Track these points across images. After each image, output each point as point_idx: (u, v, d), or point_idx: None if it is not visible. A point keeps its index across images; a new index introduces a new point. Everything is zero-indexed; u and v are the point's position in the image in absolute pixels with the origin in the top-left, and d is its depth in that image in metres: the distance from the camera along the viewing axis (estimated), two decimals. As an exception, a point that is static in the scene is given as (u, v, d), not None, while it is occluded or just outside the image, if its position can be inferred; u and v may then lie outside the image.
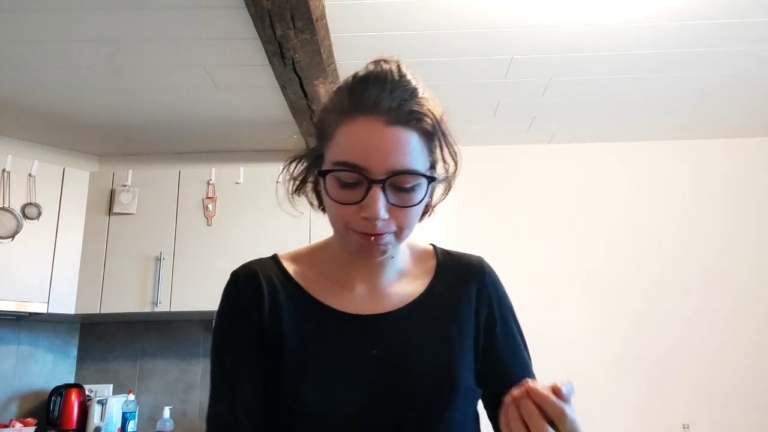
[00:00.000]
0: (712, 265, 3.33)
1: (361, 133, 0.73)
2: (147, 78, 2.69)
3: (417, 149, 0.74)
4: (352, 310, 0.83)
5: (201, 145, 3.51)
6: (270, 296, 0.83)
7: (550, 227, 3.39)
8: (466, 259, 0.92)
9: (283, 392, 0.78)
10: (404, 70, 0.78)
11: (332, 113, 0.77)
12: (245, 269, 0.86)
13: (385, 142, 0.72)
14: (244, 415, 0.77)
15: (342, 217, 0.76)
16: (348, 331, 0.81)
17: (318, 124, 0.82)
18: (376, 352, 0.80)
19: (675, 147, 3.52)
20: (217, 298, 0.87)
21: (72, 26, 2.27)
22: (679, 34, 2.42)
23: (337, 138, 0.76)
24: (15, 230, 2.86)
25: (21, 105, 2.93)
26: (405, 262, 0.89)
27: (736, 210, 3.41)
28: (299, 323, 0.81)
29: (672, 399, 3.14)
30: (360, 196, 0.73)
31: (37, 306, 2.84)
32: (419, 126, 0.74)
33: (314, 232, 3.01)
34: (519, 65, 2.66)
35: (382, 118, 0.73)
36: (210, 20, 2.24)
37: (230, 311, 0.84)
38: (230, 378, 0.80)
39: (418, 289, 0.86)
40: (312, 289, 0.85)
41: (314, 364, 0.79)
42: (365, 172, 0.72)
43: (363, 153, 0.72)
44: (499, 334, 0.87)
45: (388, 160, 0.72)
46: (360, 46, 2.47)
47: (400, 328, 0.82)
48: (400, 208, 0.75)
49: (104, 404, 3.02)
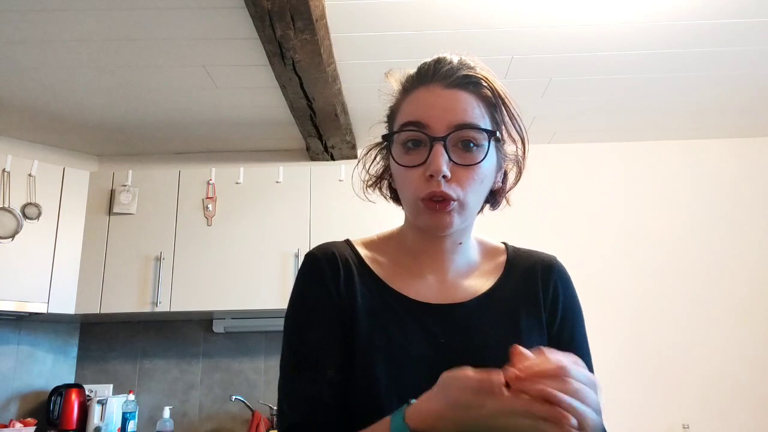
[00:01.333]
0: (713, 265, 3.33)
1: (421, 98, 0.79)
2: (147, 78, 2.69)
3: (476, 110, 0.78)
4: (423, 298, 0.83)
5: (201, 145, 3.51)
6: (346, 277, 0.83)
7: (550, 227, 3.39)
8: (537, 255, 0.92)
9: (352, 372, 0.78)
10: (465, 56, 0.82)
11: (398, 96, 0.84)
12: (323, 249, 0.86)
13: (444, 101, 0.77)
14: (329, 395, 0.77)
15: (410, 184, 0.78)
16: (418, 318, 0.82)
17: (388, 114, 0.87)
18: (443, 341, 0.80)
19: (675, 147, 3.52)
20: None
21: (72, 26, 2.27)
22: (679, 34, 2.42)
23: (402, 109, 0.81)
24: (15, 230, 2.86)
25: (21, 105, 2.93)
26: (475, 256, 0.90)
27: (736, 210, 3.41)
28: (371, 307, 0.82)
29: (672, 399, 3.14)
30: (424, 157, 0.76)
31: (37, 306, 2.84)
32: (477, 90, 0.79)
33: (314, 232, 3.01)
34: (519, 65, 2.66)
35: (440, 83, 0.79)
36: (210, 20, 2.25)
37: (312, 289, 0.83)
38: (316, 356, 0.79)
39: (488, 283, 0.87)
40: (383, 275, 0.86)
41: (384, 348, 0.79)
42: (426, 129, 0.76)
43: (424, 111, 0.77)
44: (565, 333, 0.87)
45: (447, 116, 0.76)
46: (360, 46, 2.47)
47: (469, 320, 0.83)
48: (463, 168, 0.77)
49: (104, 404, 3.02)
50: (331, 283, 0.83)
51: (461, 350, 0.80)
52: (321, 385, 0.77)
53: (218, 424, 3.20)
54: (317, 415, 0.76)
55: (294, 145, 3.51)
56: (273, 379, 3.25)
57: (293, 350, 0.81)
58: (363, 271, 0.85)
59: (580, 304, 0.91)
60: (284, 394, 0.80)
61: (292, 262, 2.96)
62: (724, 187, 3.44)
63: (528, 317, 0.85)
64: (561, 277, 0.90)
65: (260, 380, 3.25)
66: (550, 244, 3.69)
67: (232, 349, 3.30)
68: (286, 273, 2.95)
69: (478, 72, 0.80)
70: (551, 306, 0.87)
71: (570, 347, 0.85)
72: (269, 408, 3.12)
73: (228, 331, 3.27)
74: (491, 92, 0.79)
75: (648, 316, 3.25)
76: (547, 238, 3.35)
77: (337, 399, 0.77)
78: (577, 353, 0.86)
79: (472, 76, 0.79)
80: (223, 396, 3.22)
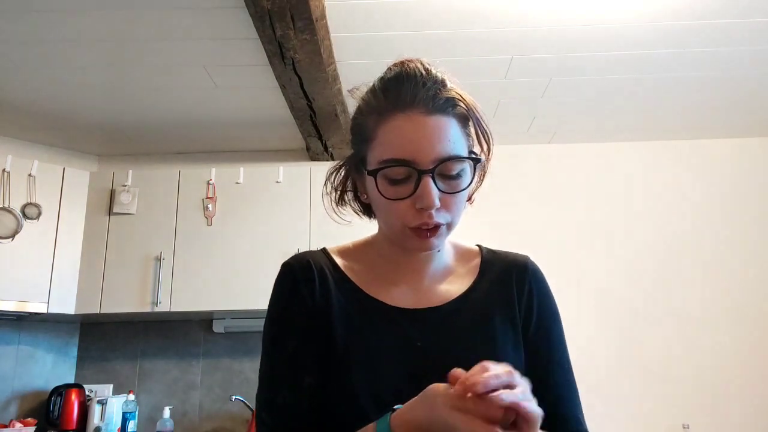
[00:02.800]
0: (712, 265, 3.33)
1: (404, 128, 0.77)
2: (147, 78, 2.69)
3: (457, 135, 0.78)
4: (399, 303, 0.85)
5: (201, 145, 3.51)
6: (321, 285, 0.85)
7: (550, 227, 3.39)
8: (511, 257, 0.93)
9: (329, 379, 0.79)
10: (428, 65, 0.81)
11: (370, 115, 0.81)
12: (298, 258, 0.88)
13: (429, 132, 0.76)
14: (306, 402, 0.78)
15: (397, 215, 0.79)
16: (394, 323, 0.83)
17: (355, 129, 0.85)
18: (420, 345, 0.81)
19: (675, 147, 3.52)
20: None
21: (72, 26, 2.27)
22: (679, 34, 2.42)
23: (379, 137, 0.79)
24: (15, 230, 2.86)
25: (21, 105, 2.93)
26: (450, 260, 0.91)
27: (736, 210, 3.41)
28: (347, 313, 0.83)
29: (672, 399, 3.14)
30: (411, 189, 0.76)
31: (37, 306, 2.84)
32: (456, 112, 0.79)
33: (314, 232, 3.01)
34: (519, 65, 2.66)
35: (420, 109, 0.77)
36: (210, 20, 2.25)
37: (288, 298, 0.85)
38: (292, 364, 0.80)
39: (463, 286, 0.88)
40: (360, 281, 0.87)
41: (360, 353, 0.80)
42: (414, 164, 0.75)
43: (409, 146, 0.76)
44: (541, 334, 0.87)
45: (434, 150, 0.75)
46: (360, 46, 2.47)
47: (444, 323, 0.84)
48: (450, 195, 0.78)
49: (104, 404, 3.02)
50: (305, 291, 0.84)
51: (437, 353, 0.81)
52: (298, 392, 0.78)
53: (218, 424, 3.20)
54: (296, 422, 0.77)
55: (294, 145, 3.51)
56: (273, 379, 3.25)
57: (270, 359, 0.82)
58: (338, 278, 0.86)
59: (555, 304, 0.91)
60: (263, 403, 0.80)
61: (292, 262, 2.96)
62: (724, 187, 3.44)
63: (502, 319, 0.86)
64: (535, 278, 0.91)
65: (260, 380, 3.25)
66: (549, 244, 3.68)
67: (232, 349, 3.30)
68: (286, 273, 2.94)
69: (452, 91, 0.79)
70: (526, 307, 0.88)
71: (546, 347, 0.87)
72: (269, 408, 3.11)
73: (228, 331, 3.27)
74: (466, 109, 0.79)
75: (648, 316, 3.25)
76: (546, 238, 3.36)
77: (315, 405, 0.78)
78: (554, 353, 0.87)
79: (450, 98, 0.78)
80: (223, 396, 3.22)
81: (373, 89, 0.82)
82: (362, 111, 0.83)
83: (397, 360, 0.80)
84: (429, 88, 0.78)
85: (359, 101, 0.84)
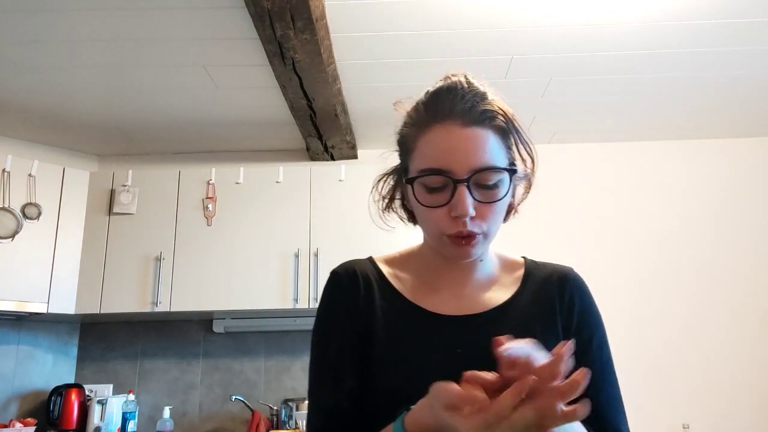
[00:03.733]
0: (712, 265, 3.33)
1: (440, 139, 0.79)
2: (147, 78, 2.69)
3: (495, 146, 0.80)
4: (441, 310, 0.86)
5: (201, 145, 3.51)
6: (366, 293, 0.88)
7: (550, 227, 3.39)
8: (554, 267, 0.94)
9: (372, 383, 0.82)
10: (471, 79, 0.83)
11: (411, 128, 0.84)
12: (345, 267, 0.92)
13: (464, 143, 0.78)
14: (348, 404, 0.82)
15: (434, 222, 0.81)
16: (435, 330, 0.85)
17: (399, 141, 0.88)
18: (460, 351, 0.82)
19: (675, 147, 3.52)
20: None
21: (72, 26, 2.27)
22: (679, 34, 2.42)
23: (419, 148, 0.82)
24: (15, 230, 2.86)
25: (21, 105, 2.93)
26: (494, 270, 0.92)
27: (736, 210, 3.41)
28: (390, 319, 0.86)
29: (672, 399, 3.14)
30: (447, 197, 0.78)
31: (37, 306, 2.84)
32: (493, 124, 0.80)
33: (314, 232, 3.01)
34: (519, 65, 2.66)
35: (457, 121, 0.79)
36: (210, 20, 2.25)
37: (333, 305, 0.89)
38: (335, 368, 0.85)
39: (506, 295, 0.89)
40: (404, 289, 0.90)
41: (401, 358, 0.83)
42: (449, 173, 0.78)
43: (445, 156, 0.78)
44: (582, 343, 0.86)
45: (469, 160, 0.77)
46: (360, 46, 2.47)
47: (485, 330, 0.83)
48: (485, 205, 0.79)
49: (104, 404, 3.02)
50: (350, 297, 0.88)
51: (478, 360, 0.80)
52: (340, 394, 0.83)
53: (218, 424, 3.20)
54: (337, 423, 0.82)
55: (294, 145, 3.51)
56: (273, 379, 3.26)
57: (316, 362, 0.88)
58: (383, 286, 0.90)
59: (598, 313, 0.92)
60: (310, 404, 0.86)
61: (292, 262, 2.96)
62: (724, 187, 3.44)
63: (544, 328, 0.86)
64: (577, 287, 0.92)
65: (260, 380, 3.25)
66: (549, 244, 3.68)
67: (232, 349, 3.30)
68: (286, 273, 2.95)
69: (492, 104, 0.81)
70: (567, 315, 0.89)
71: (587, 356, 0.86)
72: (269, 408, 3.12)
73: (228, 331, 3.27)
74: (505, 122, 0.81)
75: (648, 316, 3.25)
76: (546, 238, 3.36)
77: (355, 407, 0.82)
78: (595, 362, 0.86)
79: (487, 111, 0.80)
80: (223, 396, 3.22)
81: (416, 103, 0.85)
82: (406, 124, 0.86)
83: (437, 366, 0.80)
84: (467, 100, 0.79)
85: (404, 115, 0.87)
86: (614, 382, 0.88)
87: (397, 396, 0.78)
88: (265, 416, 3.07)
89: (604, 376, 0.87)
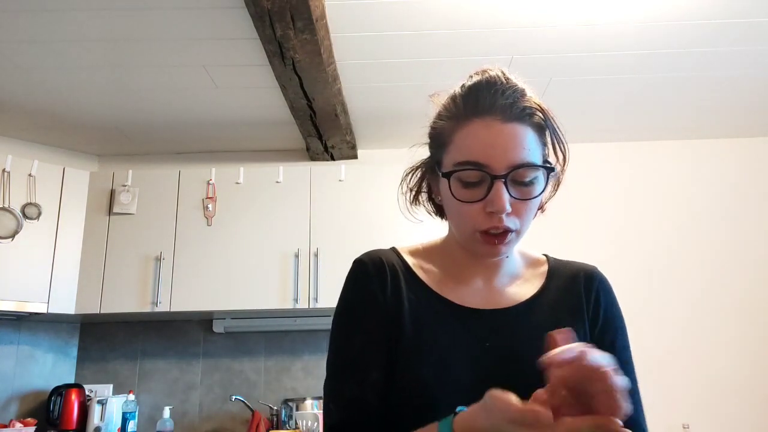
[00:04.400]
0: (713, 265, 3.33)
1: (480, 133, 0.78)
2: (147, 78, 2.69)
3: (533, 143, 0.80)
4: (468, 303, 0.86)
5: (201, 145, 3.51)
6: (392, 282, 0.87)
7: (550, 227, 3.38)
8: (579, 265, 0.96)
9: (399, 374, 0.81)
10: (509, 74, 0.82)
11: (447, 121, 0.83)
12: (371, 256, 0.90)
13: (504, 139, 0.78)
14: (372, 396, 0.80)
15: (468, 218, 0.80)
16: (463, 322, 0.84)
17: (432, 134, 0.87)
18: (488, 345, 0.82)
19: (675, 147, 3.52)
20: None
21: (72, 26, 2.27)
22: (679, 34, 2.42)
23: (456, 142, 0.81)
24: (15, 230, 2.86)
25: (21, 105, 2.93)
26: (518, 266, 0.93)
27: (736, 210, 3.41)
28: (417, 311, 0.85)
29: (672, 399, 3.14)
30: (483, 193, 0.78)
31: (37, 306, 2.84)
32: (532, 121, 0.80)
33: (314, 232, 3.01)
34: (519, 65, 2.66)
35: (497, 117, 0.78)
36: (210, 20, 2.25)
37: (359, 294, 0.87)
38: (360, 359, 0.83)
39: (532, 290, 0.90)
40: (429, 281, 0.88)
41: (430, 349, 0.81)
42: (487, 168, 0.77)
43: (484, 151, 0.77)
44: (606, 341, 0.88)
45: (507, 156, 0.77)
46: (360, 46, 2.47)
47: (513, 325, 0.85)
48: (521, 202, 0.79)
49: (104, 404, 3.02)
50: (377, 288, 0.86)
51: (506, 353, 0.82)
52: (364, 386, 0.81)
53: (218, 424, 3.20)
54: (361, 415, 0.80)
55: (294, 145, 3.51)
56: (273, 379, 3.26)
57: (339, 353, 0.85)
58: (409, 278, 0.88)
59: (621, 314, 0.93)
60: (331, 394, 0.84)
61: (292, 262, 2.96)
62: (725, 187, 3.44)
63: (571, 322, 0.86)
64: (603, 286, 0.93)
65: (260, 380, 3.25)
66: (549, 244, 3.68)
67: (232, 349, 3.30)
68: (286, 273, 2.95)
69: (531, 101, 0.81)
70: (593, 313, 0.89)
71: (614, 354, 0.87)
72: (269, 408, 3.12)
73: (228, 331, 3.27)
74: (543, 119, 0.82)
75: (648, 316, 3.25)
76: (546, 238, 3.35)
77: (380, 399, 0.80)
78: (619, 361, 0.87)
79: (527, 108, 0.80)
80: (223, 396, 3.22)
81: (453, 96, 0.84)
82: (441, 116, 0.85)
83: (466, 359, 0.81)
84: (508, 96, 0.79)
85: (440, 107, 0.86)
86: (636, 383, 0.90)
87: (424, 389, 0.78)
88: (265, 416, 3.07)
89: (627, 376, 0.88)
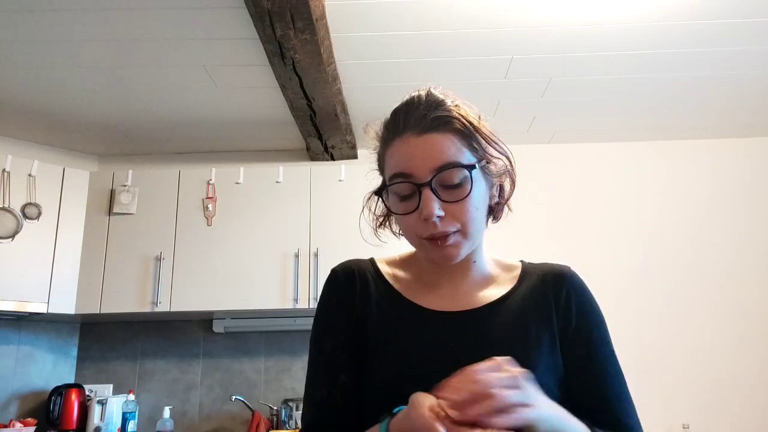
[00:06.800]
0: (713, 265, 3.33)
1: (400, 148, 0.84)
2: (147, 78, 2.69)
3: (453, 148, 0.82)
4: (436, 307, 0.89)
5: (201, 145, 3.51)
6: (362, 289, 0.92)
7: (550, 227, 3.39)
8: (551, 266, 0.96)
9: (366, 375, 0.85)
10: (433, 90, 0.86)
11: (381, 146, 0.90)
12: (344, 265, 0.96)
13: (421, 149, 0.82)
14: (340, 397, 0.85)
15: (410, 228, 0.85)
16: (428, 324, 0.87)
17: (377, 161, 0.92)
18: (452, 345, 0.84)
19: (675, 147, 3.52)
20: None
21: (72, 26, 2.27)
22: (679, 34, 2.42)
23: (387, 162, 0.87)
24: (15, 230, 2.86)
25: (21, 105, 2.93)
26: (491, 270, 0.95)
27: (736, 210, 3.41)
28: (384, 315, 0.89)
29: (672, 399, 3.14)
30: (416, 203, 0.81)
31: (37, 306, 2.84)
32: (450, 128, 0.83)
33: (314, 232, 3.01)
34: (519, 65, 2.66)
35: (413, 131, 0.83)
36: (210, 20, 2.25)
37: (330, 302, 0.92)
38: (330, 363, 0.88)
39: (501, 292, 0.91)
40: (401, 288, 0.93)
41: (392, 351, 0.85)
42: (413, 178, 0.81)
43: (406, 162, 0.82)
44: (580, 339, 0.88)
45: (427, 163, 0.81)
46: (360, 46, 2.47)
47: (478, 325, 0.87)
48: (454, 204, 0.81)
49: (104, 404, 3.02)
50: (346, 294, 0.91)
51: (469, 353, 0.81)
52: (333, 389, 0.85)
53: (218, 424, 3.20)
54: (330, 417, 0.85)
55: (294, 145, 3.51)
56: (273, 379, 3.26)
57: (312, 358, 0.91)
58: (380, 284, 0.93)
59: (598, 309, 0.93)
60: (305, 398, 0.89)
61: (292, 262, 2.96)
62: (725, 187, 3.44)
63: (538, 323, 0.87)
64: (573, 285, 0.92)
65: (260, 380, 3.25)
66: (549, 244, 3.68)
67: (232, 349, 3.30)
68: (286, 273, 2.95)
69: (445, 110, 0.83)
70: (564, 313, 0.89)
71: (590, 352, 0.88)
72: (269, 408, 3.12)
73: (228, 331, 3.27)
74: (462, 125, 0.83)
75: (648, 316, 3.25)
76: (546, 238, 3.36)
77: (349, 401, 0.84)
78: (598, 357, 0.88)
79: (441, 117, 0.82)
80: (223, 396, 3.22)
81: (382, 123, 0.89)
82: (377, 144, 0.91)
83: (429, 359, 0.83)
84: (421, 110, 0.83)
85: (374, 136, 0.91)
86: (619, 376, 0.90)
87: (391, 390, 0.79)
88: (265, 416, 3.07)
89: (608, 371, 0.89)
